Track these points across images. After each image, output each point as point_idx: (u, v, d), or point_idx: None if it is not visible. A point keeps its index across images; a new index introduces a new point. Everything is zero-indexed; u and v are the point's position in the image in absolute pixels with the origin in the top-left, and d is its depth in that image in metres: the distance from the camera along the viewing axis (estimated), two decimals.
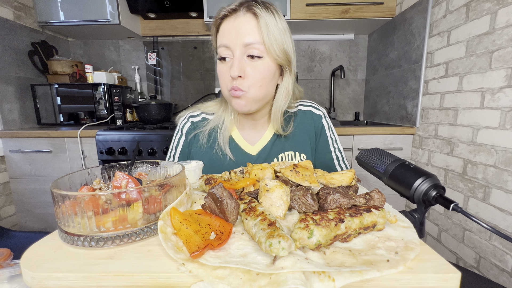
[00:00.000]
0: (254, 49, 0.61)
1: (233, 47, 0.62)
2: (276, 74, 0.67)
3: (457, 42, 1.21)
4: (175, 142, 0.80)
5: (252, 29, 0.60)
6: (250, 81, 0.63)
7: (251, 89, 0.63)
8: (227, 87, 0.65)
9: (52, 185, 0.34)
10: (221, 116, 0.76)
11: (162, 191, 0.36)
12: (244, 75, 0.62)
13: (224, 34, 0.63)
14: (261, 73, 0.63)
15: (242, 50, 0.61)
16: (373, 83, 2.02)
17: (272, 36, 0.60)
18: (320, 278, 0.26)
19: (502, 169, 1.02)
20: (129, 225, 0.33)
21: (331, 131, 0.80)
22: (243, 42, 0.60)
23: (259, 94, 0.65)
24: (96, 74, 1.81)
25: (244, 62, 0.62)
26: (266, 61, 0.63)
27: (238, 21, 0.61)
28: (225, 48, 0.63)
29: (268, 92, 0.67)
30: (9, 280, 0.47)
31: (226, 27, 0.63)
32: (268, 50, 0.61)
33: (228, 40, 0.62)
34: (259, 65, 0.62)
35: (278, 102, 0.70)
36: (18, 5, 1.67)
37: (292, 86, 0.70)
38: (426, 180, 0.41)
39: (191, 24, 2.07)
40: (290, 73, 0.68)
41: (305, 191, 0.40)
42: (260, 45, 0.61)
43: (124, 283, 0.27)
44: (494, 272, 1.06)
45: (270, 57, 0.63)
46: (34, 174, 1.57)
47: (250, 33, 0.60)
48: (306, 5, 1.68)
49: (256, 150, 0.76)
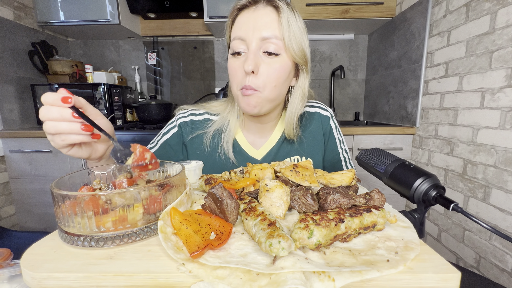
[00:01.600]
0: (272, 44, 0.57)
1: (249, 40, 0.57)
2: (291, 74, 0.63)
3: (457, 42, 1.21)
4: (164, 130, 0.76)
5: (272, 22, 0.57)
6: (263, 80, 0.58)
7: (265, 89, 0.59)
8: (238, 85, 0.60)
9: (52, 185, 0.34)
10: (226, 117, 0.72)
11: (162, 191, 0.36)
12: (257, 71, 0.58)
13: (241, 25, 0.59)
14: (276, 72, 0.59)
15: (259, 44, 0.57)
16: (373, 83, 2.02)
17: (292, 32, 0.57)
18: (320, 278, 0.26)
19: (502, 169, 1.02)
20: (129, 225, 0.33)
21: (339, 132, 0.78)
22: (261, 36, 0.56)
23: (273, 95, 0.61)
24: (96, 74, 1.81)
25: (259, 58, 0.58)
26: (283, 59, 0.59)
27: (257, 13, 0.57)
28: (240, 41, 0.59)
29: (281, 93, 0.64)
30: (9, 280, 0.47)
31: (243, 19, 0.59)
32: (287, 47, 0.57)
33: (245, 32, 0.58)
34: (275, 63, 0.58)
35: (294, 105, 0.66)
36: (18, 5, 1.67)
37: (308, 88, 0.66)
38: (426, 180, 0.41)
39: (191, 24, 2.07)
40: (306, 73, 0.64)
41: (305, 191, 0.40)
42: (278, 41, 0.57)
43: (124, 283, 0.27)
44: (494, 272, 1.06)
45: (288, 55, 0.59)
46: (34, 174, 1.57)
47: (270, 26, 0.56)
48: (306, 5, 1.68)
49: (261, 154, 0.73)
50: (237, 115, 0.72)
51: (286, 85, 0.64)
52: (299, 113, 0.67)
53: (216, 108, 0.75)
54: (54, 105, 0.40)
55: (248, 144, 0.73)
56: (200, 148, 0.73)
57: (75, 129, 0.42)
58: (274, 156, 0.73)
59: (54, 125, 0.41)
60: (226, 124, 0.71)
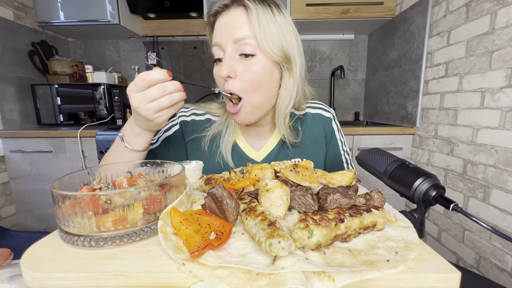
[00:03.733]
0: (246, 45, 0.55)
1: (224, 44, 0.57)
2: (274, 74, 0.60)
3: (457, 42, 1.21)
4: (166, 127, 0.74)
5: (242, 23, 0.55)
6: (242, 83, 0.57)
7: (246, 94, 0.58)
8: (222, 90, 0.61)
9: (52, 185, 0.34)
10: (225, 123, 0.71)
11: (162, 191, 0.36)
12: (235, 75, 0.57)
13: (216, 31, 0.59)
14: (255, 73, 0.56)
15: (233, 48, 0.56)
16: (373, 83, 2.02)
17: (266, 29, 0.54)
18: (320, 278, 0.26)
19: (502, 169, 1.02)
20: (129, 225, 0.33)
21: (341, 134, 0.77)
22: (233, 38, 0.55)
23: (257, 100, 0.59)
24: (96, 74, 1.81)
25: (235, 61, 0.57)
26: (259, 59, 0.56)
27: (229, 16, 0.57)
28: (218, 47, 0.58)
29: (268, 95, 0.61)
30: (9, 280, 0.47)
31: (218, 24, 0.58)
32: (261, 45, 0.55)
33: (219, 38, 0.57)
34: (252, 64, 0.56)
35: (279, 105, 0.64)
36: (18, 5, 1.67)
37: (294, 87, 0.63)
38: (426, 180, 0.41)
39: (191, 24, 2.07)
40: (289, 72, 0.61)
41: (305, 191, 0.40)
42: (252, 40, 0.55)
43: (124, 283, 0.27)
44: (494, 272, 1.06)
45: (265, 54, 0.56)
46: (34, 174, 1.57)
47: (240, 27, 0.55)
48: (306, 5, 1.68)
49: (261, 156, 0.72)
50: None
51: (272, 86, 0.61)
52: (286, 113, 0.65)
53: (216, 110, 0.74)
54: (166, 80, 0.47)
55: (248, 146, 0.73)
56: (198, 150, 0.72)
57: (181, 92, 0.49)
58: (274, 158, 0.72)
59: (171, 97, 0.48)
60: (224, 129, 0.71)
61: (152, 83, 0.46)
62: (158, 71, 0.46)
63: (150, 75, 0.45)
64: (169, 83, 0.47)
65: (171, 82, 0.47)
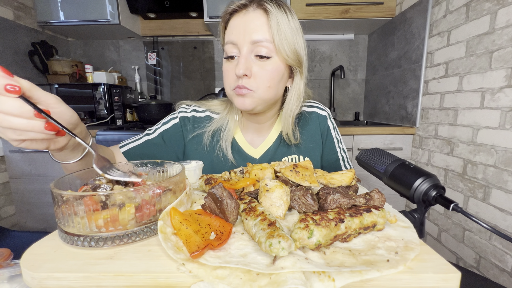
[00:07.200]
0: (263, 47, 0.58)
1: (241, 44, 0.58)
2: (285, 75, 0.64)
3: (457, 42, 1.21)
4: (165, 120, 0.75)
5: (261, 26, 0.57)
6: (257, 81, 0.60)
7: (259, 90, 0.60)
8: (231, 86, 0.62)
9: (52, 185, 0.34)
10: (226, 118, 0.73)
11: (162, 192, 0.36)
12: (250, 74, 0.59)
13: (232, 30, 0.60)
14: (269, 73, 0.59)
15: (250, 48, 0.58)
16: (373, 83, 2.02)
17: (283, 35, 0.57)
18: (320, 278, 0.26)
19: (502, 169, 1.02)
20: (129, 225, 0.33)
21: (336, 132, 0.78)
22: (251, 39, 0.57)
23: (268, 95, 0.62)
24: (96, 74, 1.81)
25: (251, 61, 0.59)
26: (274, 61, 0.59)
27: (247, 17, 0.58)
28: (232, 46, 0.60)
29: (277, 94, 0.64)
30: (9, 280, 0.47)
31: (234, 23, 0.60)
32: (278, 49, 0.58)
33: (236, 36, 0.59)
34: (267, 65, 0.59)
35: (290, 105, 0.66)
36: (18, 5, 1.67)
37: (303, 89, 0.66)
38: (426, 180, 0.41)
39: (191, 24, 2.07)
40: (301, 75, 0.65)
41: (305, 191, 0.40)
42: (269, 44, 0.58)
43: (124, 283, 0.27)
44: (494, 272, 1.06)
45: (280, 57, 0.59)
46: (34, 174, 1.57)
47: (259, 30, 0.57)
48: (306, 5, 1.68)
49: (259, 153, 0.73)
50: (235, 116, 0.73)
51: (282, 86, 0.65)
52: (295, 113, 0.68)
53: (216, 108, 0.76)
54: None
55: (246, 143, 0.74)
56: (199, 146, 0.73)
57: (36, 127, 0.35)
58: (272, 155, 0.73)
59: (8, 119, 0.34)
60: (225, 124, 0.72)
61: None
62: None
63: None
64: (6, 99, 0.33)
65: (11, 101, 0.34)
